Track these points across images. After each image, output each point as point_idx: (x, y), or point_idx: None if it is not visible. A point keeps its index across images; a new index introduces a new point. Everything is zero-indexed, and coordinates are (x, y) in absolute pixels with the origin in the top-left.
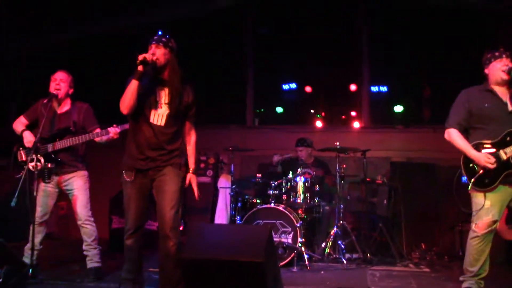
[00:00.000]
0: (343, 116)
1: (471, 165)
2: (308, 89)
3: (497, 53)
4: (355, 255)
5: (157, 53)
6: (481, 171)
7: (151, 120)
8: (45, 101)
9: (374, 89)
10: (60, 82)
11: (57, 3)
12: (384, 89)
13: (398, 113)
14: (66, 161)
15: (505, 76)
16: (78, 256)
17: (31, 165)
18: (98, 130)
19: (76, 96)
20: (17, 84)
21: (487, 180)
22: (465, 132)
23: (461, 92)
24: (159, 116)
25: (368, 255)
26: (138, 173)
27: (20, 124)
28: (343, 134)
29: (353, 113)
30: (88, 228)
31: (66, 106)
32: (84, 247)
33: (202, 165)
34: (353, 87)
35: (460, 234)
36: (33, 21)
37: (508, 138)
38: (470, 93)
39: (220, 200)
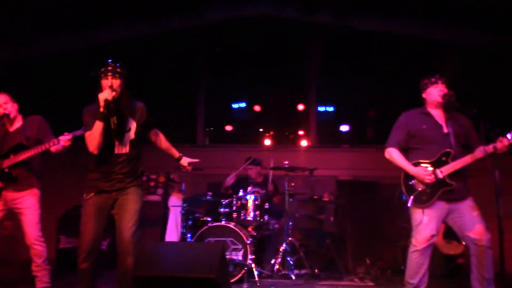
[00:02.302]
0: (291, 136)
1: (410, 183)
2: (257, 108)
3: (433, 79)
4: (303, 271)
5: (114, 84)
6: (419, 189)
7: (116, 151)
8: None
9: (321, 109)
10: (3, 105)
11: None
12: (330, 109)
13: (344, 132)
14: (21, 177)
15: (440, 100)
16: (25, 277)
17: None
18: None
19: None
20: None
21: (425, 197)
22: (405, 152)
23: (401, 114)
24: (122, 144)
25: (316, 270)
26: (101, 193)
27: None
28: (291, 153)
29: (300, 132)
30: (38, 249)
31: (17, 123)
32: (33, 267)
33: (152, 184)
34: (300, 106)
35: (402, 249)
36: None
37: (443, 158)
38: (409, 116)
39: (170, 218)
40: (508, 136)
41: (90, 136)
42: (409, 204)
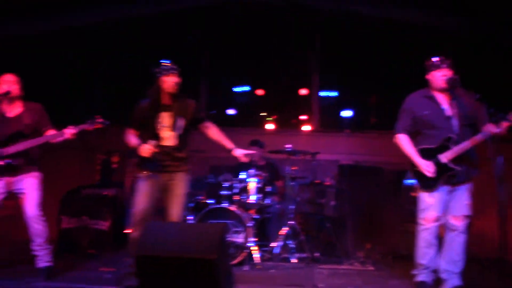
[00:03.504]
0: (293, 120)
1: (417, 168)
2: (260, 92)
3: (437, 63)
4: (304, 255)
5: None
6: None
7: (165, 143)
8: None
9: (324, 94)
10: (12, 84)
11: None
12: (333, 94)
13: (347, 118)
14: (21, 164)
15: (444, 85)
16: (26, 257)
17: None
18: (51, 131)
19: (29, 97)
20: None
21: (431, 182)
22: (413, 136)
23: (406, 98)
24: (169, 137)
25: (316, 254)
26: (152, 176)
27: None
28: (294, 137)
29: (303, 117)
30: (39, 228)
31: (17, 109)
32: (34, 247)
33: None
34: (303, 91)
35: (403, 234)
36: None
37: (446, 143)
38: (412, 100)
39: None
40: (509, 117)
41: (127, 140)
42: (416, 188)
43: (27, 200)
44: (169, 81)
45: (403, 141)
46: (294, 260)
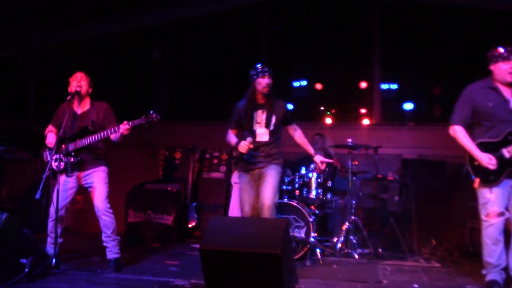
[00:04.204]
0: (353, 113)
1: (476, 163)
2: (318, 86)
3: (505, 54)
4: (366, 250)
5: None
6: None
7: (258, 139)
8: (68, 98)
9: (384, 86)
10: (81, 80)
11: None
12: (394, 86)
13: (408, 110)
14: (87, 160)
15: (510, 80)
16: (96, 248)
17: (54, 165)
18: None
19: (92, 96)
20: (32, 79)
21: (492, 176)
22: (469, 128)
23: (466, 88)
24: (263, 134)
25: (380, 250)
26: (249, 171)
27: (48, 131)
28: (354, 131)
29: (363, 111)
30: (107, 220)
31: (86, 106)
32: (103, 238)
33: (215, 161)
34: (363, 84)
35: (470, 230)
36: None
37: (510, 137)
38: (474, 90)
39: (233, 196)
40: None
41: (227, 139)
42: (475, 184)
43: (96, 194)
44: (263, 82)
45: (460, 133)
46: (356, 256)
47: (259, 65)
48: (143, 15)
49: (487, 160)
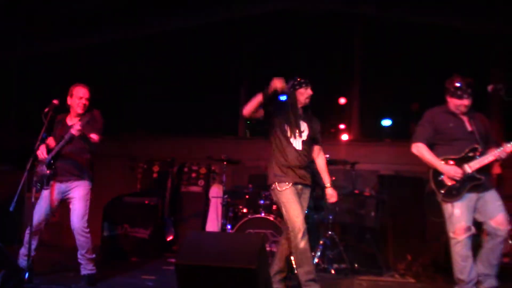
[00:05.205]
0: (332, 129)
1: (439, 178)
2: None
3: (459, 92)
4: (343, 265)
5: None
6: (449, 184)
7: (294, 145)
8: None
9: (363, 103)
10: (86, 101)
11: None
12: (373, 103)
13: (386, 127)
14: (66, 169)
15: (463, 111)
16: (71, 262)
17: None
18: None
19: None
20: (14, 90)
21: (455, 191)
22: (430, 147)
23: (426, 112)
24: (298, 142)
25: (356, 265)
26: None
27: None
28: (332, 146)
29: (341, 126)
30: (82, 240)
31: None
32: (78, 255)
33: (194, 175)
34: (342, 100)
35: (445, 246)
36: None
37: (471, 154)
38: (434, 113)
39: (211, 210)
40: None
41: (249, 102)
42: (439, 199)
43: (75, 211)
44: (304, 94)
45: (424, 149)
46: (333, 271)
47: (300, 77)
48: (125, 28)
49: (454, 171)
